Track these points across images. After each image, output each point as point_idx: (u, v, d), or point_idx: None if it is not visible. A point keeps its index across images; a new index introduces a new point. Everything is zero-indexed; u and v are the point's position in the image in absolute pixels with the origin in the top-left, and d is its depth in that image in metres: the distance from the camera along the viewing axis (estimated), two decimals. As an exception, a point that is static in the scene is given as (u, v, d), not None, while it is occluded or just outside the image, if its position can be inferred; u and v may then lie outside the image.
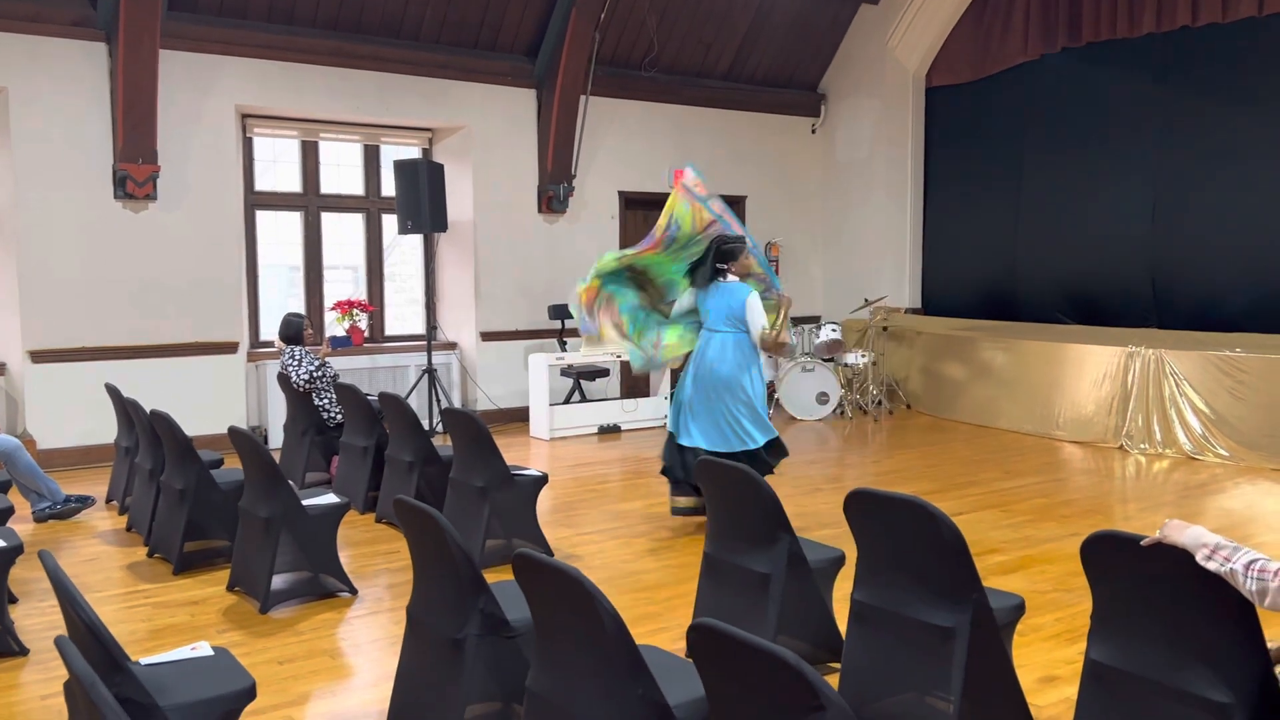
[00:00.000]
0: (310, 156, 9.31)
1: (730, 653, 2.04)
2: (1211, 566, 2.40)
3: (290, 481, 4.79)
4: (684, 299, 6.06)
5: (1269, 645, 2.50)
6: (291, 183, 9.30)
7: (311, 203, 9.33)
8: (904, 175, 11.18)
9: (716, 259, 5.86)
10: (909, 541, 3.13)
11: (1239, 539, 3.80)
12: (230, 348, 8.45)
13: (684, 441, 5.75)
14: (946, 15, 10.70)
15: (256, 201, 9.03)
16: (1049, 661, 3.86)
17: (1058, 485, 7.03)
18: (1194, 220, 8.92)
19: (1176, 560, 2.48)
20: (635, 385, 10.51)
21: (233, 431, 4.81)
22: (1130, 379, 8.15)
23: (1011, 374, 9.22)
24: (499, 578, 3.34)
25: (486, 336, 9.68)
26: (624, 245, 10.55)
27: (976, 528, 5.74)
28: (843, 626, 3.68)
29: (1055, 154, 9.99)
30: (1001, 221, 10.45)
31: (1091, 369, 8.46)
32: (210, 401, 8.26)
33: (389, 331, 9.81)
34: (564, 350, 9.50)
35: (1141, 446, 8.05)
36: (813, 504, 6.50)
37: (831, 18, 11.30)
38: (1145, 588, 2.62)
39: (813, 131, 11.88)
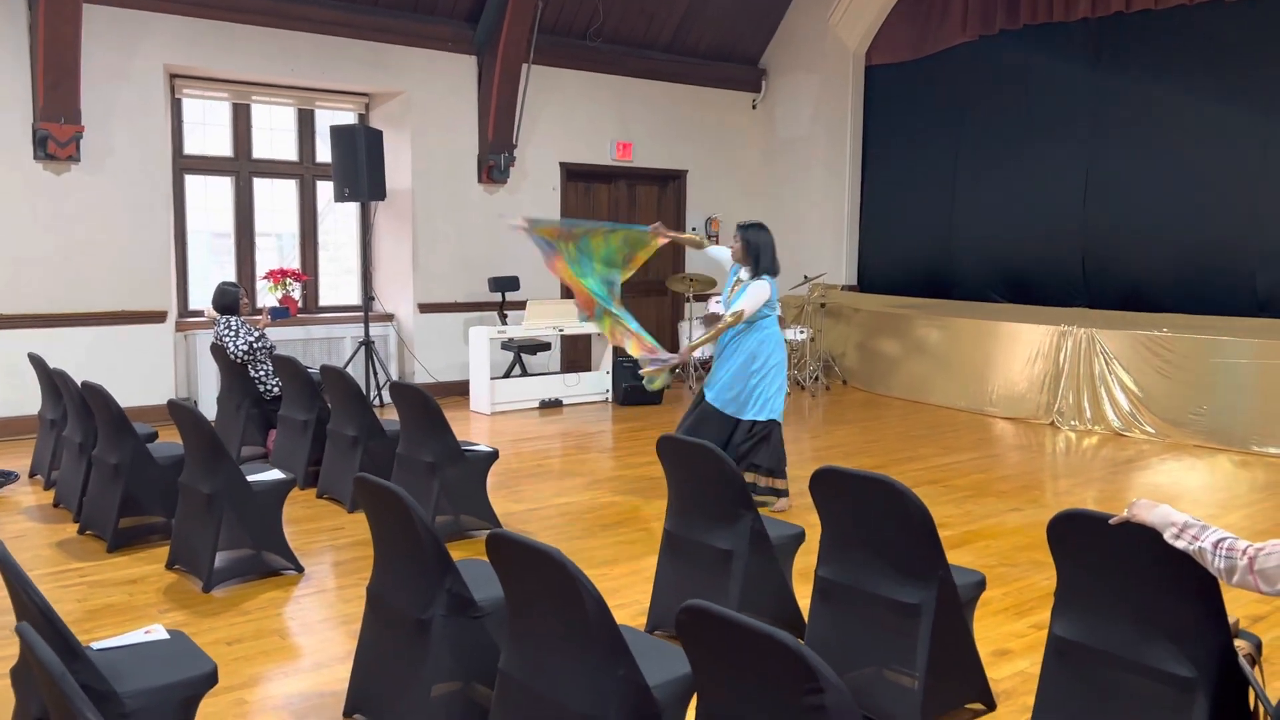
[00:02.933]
0: (242, 119, 9.00)
1: (722, 634, 2.03)
2: (1180, 545, 2.45)
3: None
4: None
5: (1229, 620, 2.57)
6: (222, 146, 8.98)
7: (243, 168, 9.03)
8: (843, 153, 11.25)
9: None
10: (876, 519, 3.16)
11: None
12: (158, 317, 8.15)
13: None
14: (888, -7, 10.77)
15: (185, 165, 8.71)
16: (1001, 635, 3.94)
17: (993, 461, 7.18)
18: (1124, 203, 9.15)
19: (1142, 538, 2.53)
20: (577, 360, 10.46)
21: (172, 405, 4.64)
22: (1062, 357, 8.36)
23: (946, 351, 9.38)
24: (451, 554, 3.28)
25: (425, 308, 9.51)
26: (564, 215, 10.46)
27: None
28: (801, 602, 3.71)
29: (991, 135, 10.15)
30: (938, 201, 10.60)
31: (1024, 347, 8.64)
32: (137, 372, 7.97)
33: (323, 302, 9.58)
34: (505, 323, 9.39)
35: (1072, 423, 8.27)
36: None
37: (774, -7, 11.29)
38: (1111, 565, 2.67)
39: (754, 107, 11.87)
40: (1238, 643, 2.63)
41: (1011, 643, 3.85)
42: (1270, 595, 2.31)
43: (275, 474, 4.72)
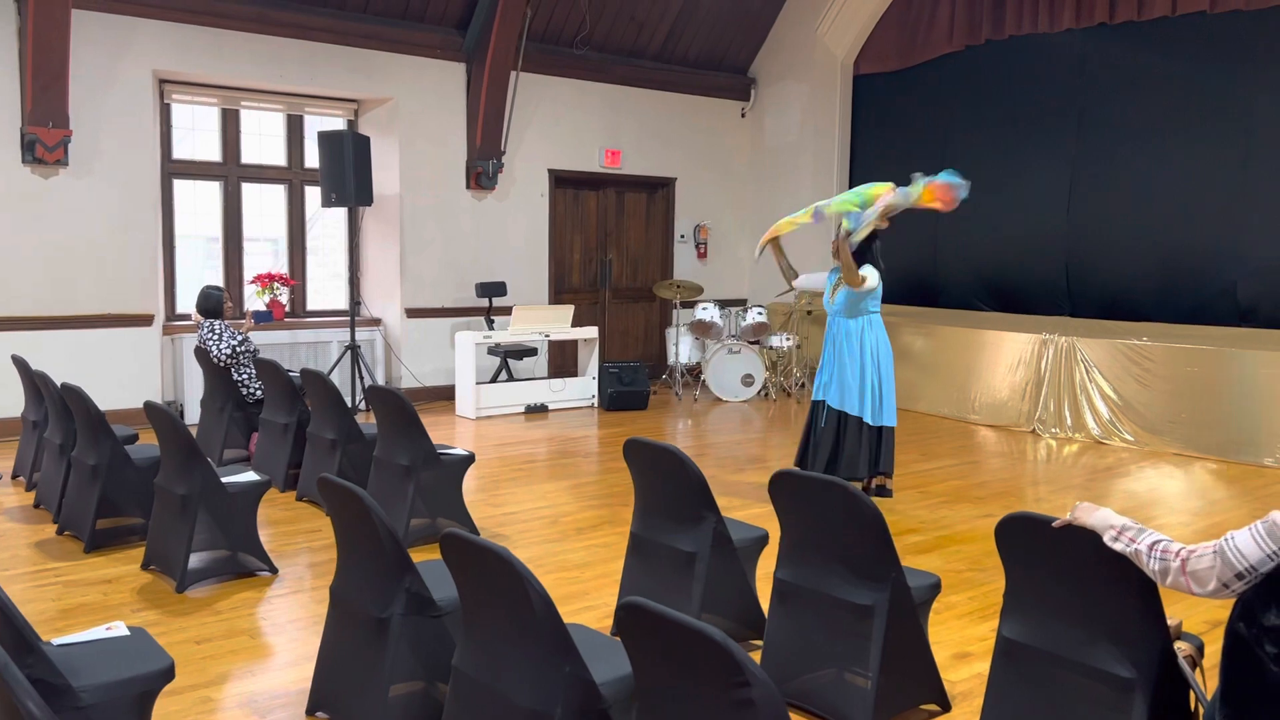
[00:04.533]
0: (231, 125, 9.06)
1: (658, 631, 2.07)
2: (1118, 547, 2.50)
3: (208, 458, 4.69)
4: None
5: (1169, 622, 2.62)
6: (211, 151, 9.04)
7: (231, 173, 9.08)
8: (831, 161, 11.32)
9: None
10: (831, 522, 3.20)
11: (1142, 520, 3.94)
12: (145, 320, 8.20)
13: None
14: (875, 4, 10.84)
15: (174, 170, 8.76)
16: (963, 639, 3.98)
17: (973, 468, 7.23)
18: (1107, 213, 9.21)
19: (1086, 541, 2.58)
20: (563, 365, 10.51)
21: (149, 406, 4.69)
22: (1044, 365, 8.41)
23: (930, 359, 9.44)
24: (424, 557, 3.33)
25: (412, 313, 9.56)
26: (553, 224, 10.54)
27: (895, 508, 5.88)
28: (765, 604, 3.75)
29: (976, 144, 10.21)
30: (923, 210, 10.63)
31: (1007, 355, 8.70)
32: (124, 375, 8.02)
33: (311, 306, 9.63)
34: (491, 328, 9.43)
35: (1053, 431, 8.32)
36: (737, 484, 6.58)
37: (762, 2, 11.36)
38: (1055, 567, 2.72)
39: (742, 115, 11.94)
40: (1179, 644, 2.68)
41: (973, 646, 3.90)
42: (1201, 596, 2.35)
43: (251, 476, 4.76)
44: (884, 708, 3.11)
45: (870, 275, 5.90)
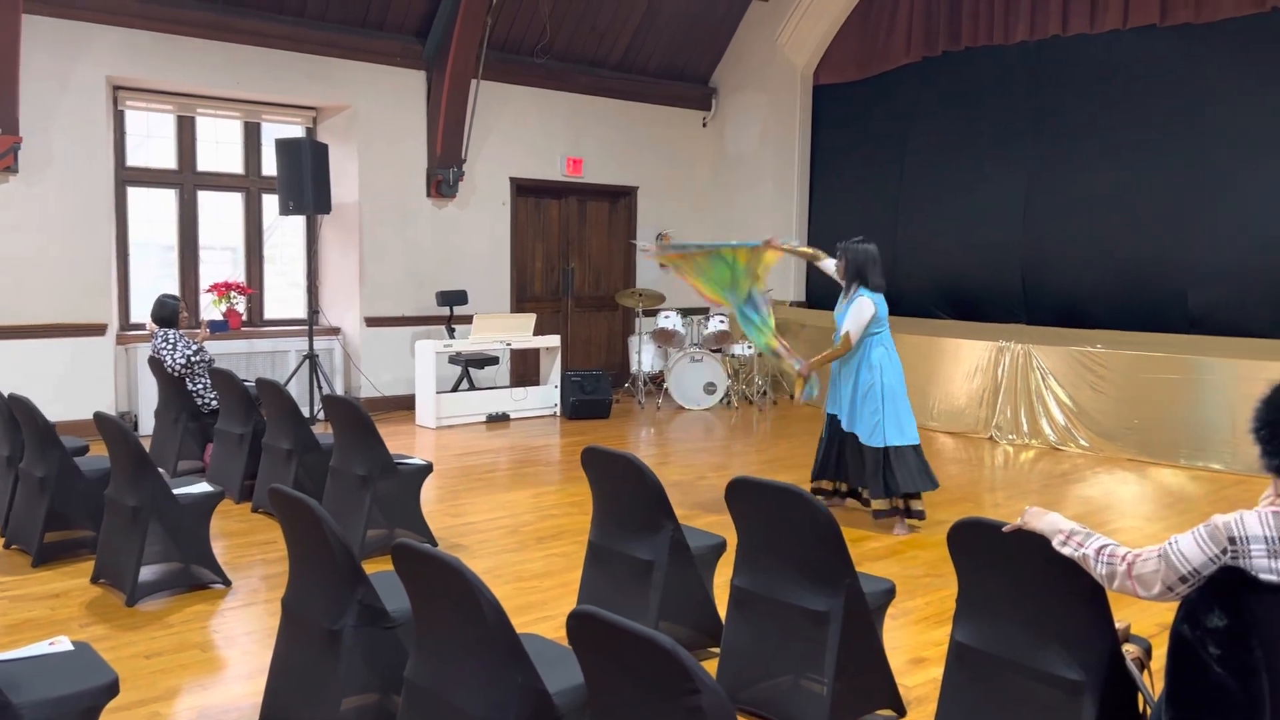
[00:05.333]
0: (187, 132, 8.95)
1: (608, 639, 2.06)
2: (1066, 551, 2.53)
3: (161, 469, 4.62)
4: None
5: (1116, 625, 2.65)
6: (166, 159, 8.93)
7: (187, 180, 8.97)
8: (791, 171, 11.40)
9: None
10: (786, 528, 3.21)
11: (1096, 525, 3.97)
12: (98, 330, 8.07)
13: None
14: (834, 15, 10.94)
15: (128, 177, 8.64)
16: (919, 643, 4.01)
17: (931, 474, 7.27)
18: (1062, 222, 9.35)
19: (1035, 546, 2.61)
20: (525, 374, 10.47)
21: (98, 417, 4.61)
22: (1000, 373, 8.51)
23: (890, 366, 9.49)
24: (381, 567, 3.29)
25: (371, 322, 9.48)
26: (515, 232, 10.51)
27: (854, 514, 5.91)
28: (723, 611, 3.75)
29: (934, 154, 10.33)
30: (883, 219, 10.75)
31: (965, 362, 8.79)
32: (76, 385, 7.89)
33: (269, 315, 9.52)
34: (452, 337, 9.38)
35: (1010, 437, 8.41)
36: (698, 491, 6.59)
37: (723, 13, 11.43)
38: (1006, 572, 2.75)
39: (704, 125, 11.99)
40: (1127, 647, 2.71)
41: (928, 651, 3.92)
42: (1147, 599, 2.39)
43: (204, 487, 4.70)
44: (840, 713, 3.12)
45: (855, 322, 5.79)
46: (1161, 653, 2.52)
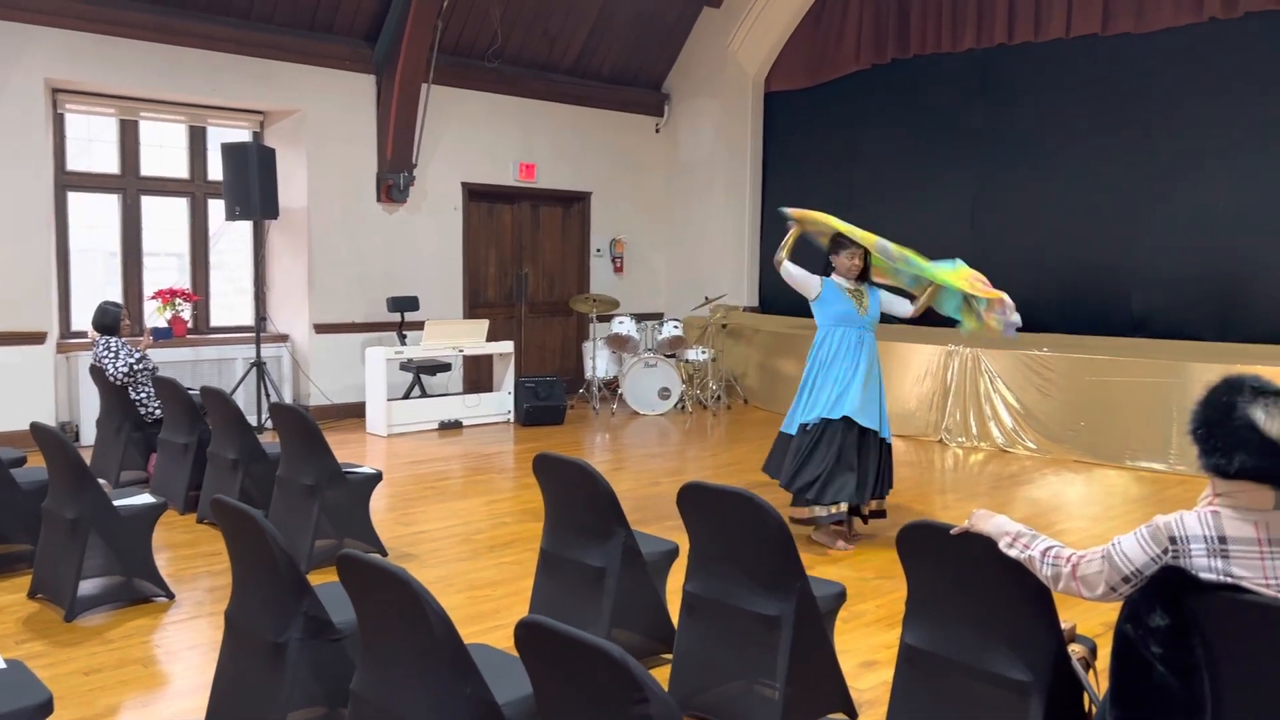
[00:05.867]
0: (129, 136, 8.77)
1: (557, 648, 2.04)
2: (1012, 554, 2.55)
3: (102, 480, 4.52)
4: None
5: (1063, 626, 2.68)
6: (109, 163, 8.74)
7: (130, 185, 8.79)
8: (743, 177, 11.45)
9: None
10: (737, 533, 3.21)
11: (1044, 526, 4.01)
12: (37, 338, 7.87)
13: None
14: (784, 22, 11.02)
15: (68, 182, 8.45)
16: (870, 646, 4.03)
17: (883, 477, 7.32)
18: (1009, 227, 9.49)
19: (983, 548, 2.63)
20: (478, 380, 10.40)
21: (35, 427, 4.49)
22: (950, 376, 8.60)
23: (843, 371, 9.57)
24: (330, 578, 3.23)
25: (321, 329, 9.35)
26: (467, 238, 10.44)
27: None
28: (675, 617, 3.74)
29: (884, 161, 10.44)
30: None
31: (915, 366, 8.88)
32: (15, 395, 7.68)
33: (215, 322, 9.36)
34: (403, 343, 9.29)
35: (959, 440, 8.51)
36: (653, 497, 6.57)
37: (675, 19, 11.46)
38: (954, 574, 2.76)
39: (657, 131, 12.01)
40: (1073, 647, 2.74)
41: (880, 654, 3.94)
42: (1092, 600, 2.42)
43: (146, 498, 4.59)
44: (792, 718, 3.12)
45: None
46: (1107, 652, 2.55)
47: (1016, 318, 5.71)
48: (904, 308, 5.81)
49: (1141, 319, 8.75)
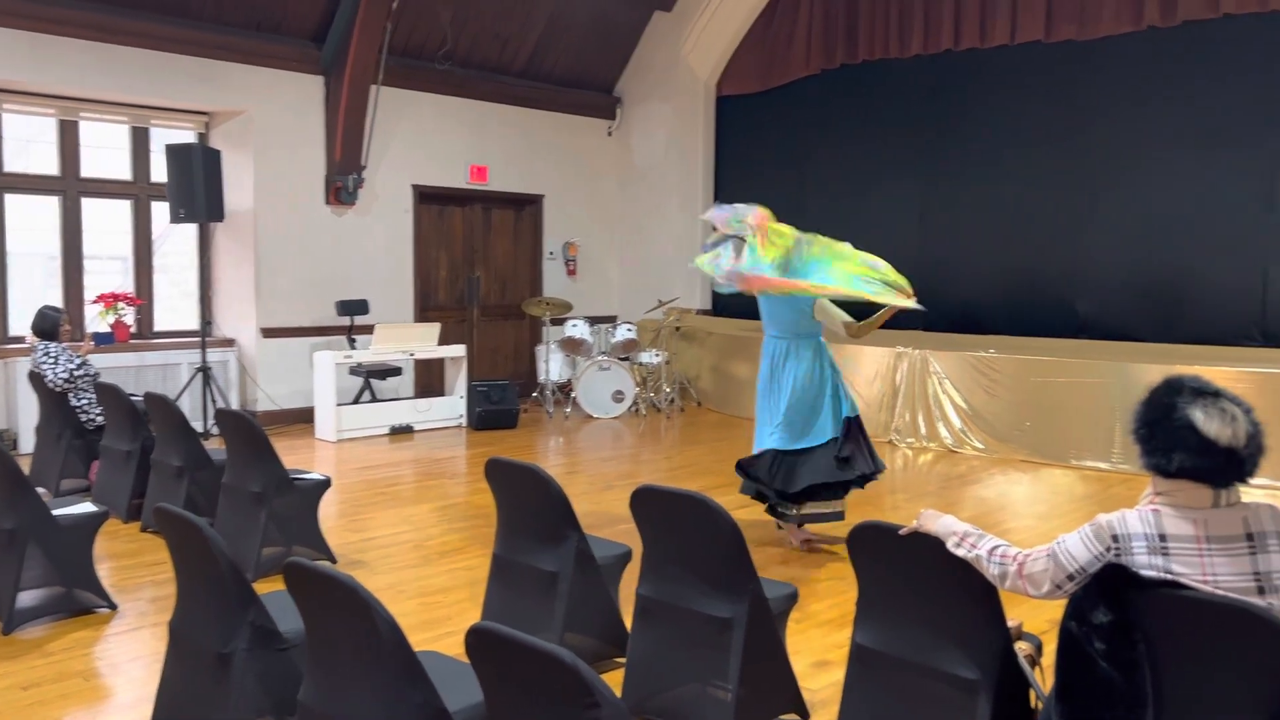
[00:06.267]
0: (69, 137, 8.58)
1: (508, 654, 2.03)
2: (960, 553, 2.58)
3: (42, 489, 4.41)
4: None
5: (1009, 624, 2.72)
6: (48, 165, 8.54)
7: (70, 187, 8.60)
8: (696, 180, 11.49)
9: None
10: (691, 536, 3.22)
11: (991, 525, 4.06)
12: (-28, 343, 7.67)
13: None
14: (736, 27, 11.08)
15: (6, 184, 8.24)
16: (822, 646, 4.05)
17: (835, 478, 7.38)
18: (956, 231, 9.63)
19: (931, 548, 2.66)
20: (430, 384, 10.31)
21: (-30, 436, 4.37)
22: (899, 377, 8.70)
23: (794, 373, 9.63)
24: (278, 587, 3.18)
25: (268, 333, 9.22)
26: (418, 241, 10.36)
27: (759, 520, 5.95)
28: (629, 621, 3.74)
29: (835, 165, 10.54)
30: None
31: (865, 368, 8.96)
32: (-52, 403, 7.48)
33: (159, 327, 9.18)
34: (353, 348, 9.18)
35: (908, 440, 8.61)
36: (606, 500, 6.56)
37: (626, 22, 11.47)
38: (904, 574, 2.79)
39: (609, 134, 12.01)
40: (1020, 644, 2.78)
41: (832, 654, 3.97)
42: (1038, 598, 2.45)
43: (87, 507, 4.49)
44: (744, 719, 3.13)
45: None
46: (1052, 649, 2.59)
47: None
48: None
49: (1085, 321, 8.92)
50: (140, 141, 9.00)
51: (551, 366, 10.36)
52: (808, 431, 5.44)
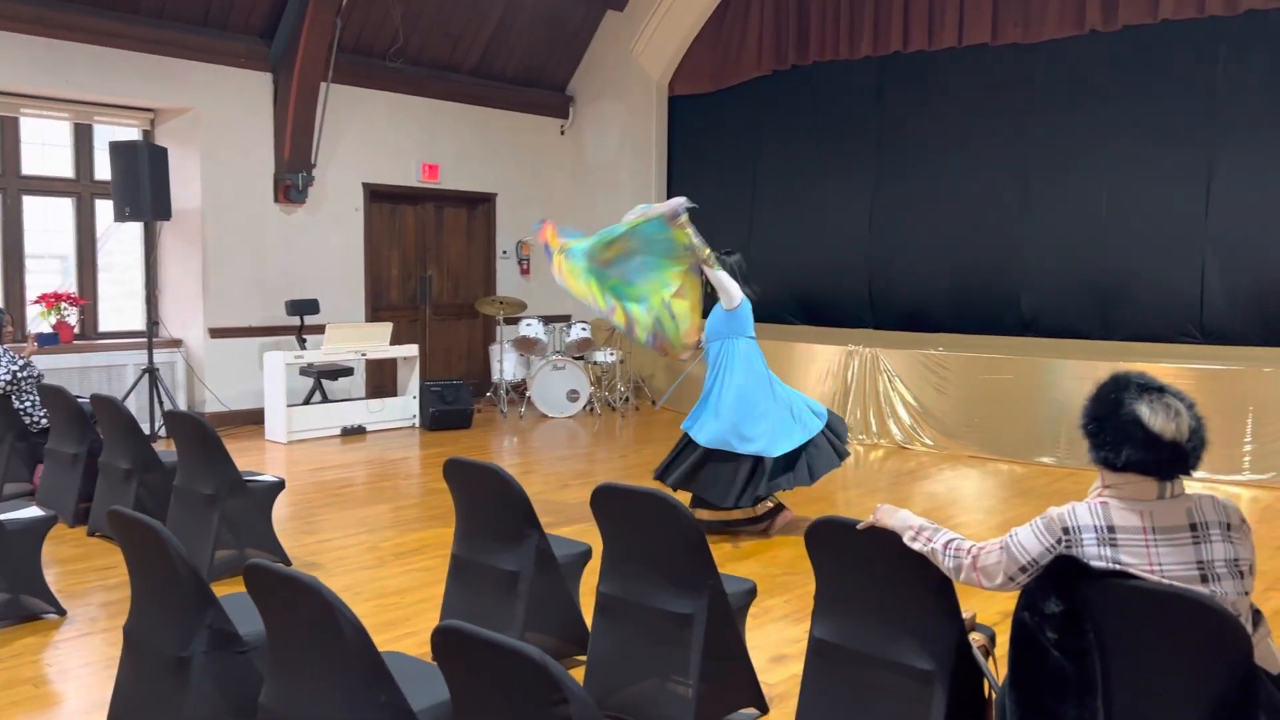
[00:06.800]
0: (10, 133, 8.38)
1: (475, 652, 2.04)
2: (916, 546, 2.64)
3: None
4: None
5: (964, 616, 2.78)
6: (-14, 161, 8.34)
7: (10, 184, 8.40)
8: (648, 180, 11.52)
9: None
10: (651, 533, 3.24)
11: (941, 520, 4.14)
12: (-92, 345, 7.45)
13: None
14: (687, 27, 11.13)
15: (-58, 181, 8.03)
16: (779, 641, 4.11)
17: (788, 475, 7.46)
18: (905, 231, 9.78)
19: (888, 542, 2.71)
20: (382, 385, 10.23)
21: (-89, 440, 4.26)
22: (850, 375, 8.81)
23: (747, 371, 9.71)
24: (231, 589, 3.16)
25: (216, 333, 9.08)
26: (369, 239, 10.27)
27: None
28: (589, 619, 3.75)
29: (786, 165, 10.64)
30: (737, 228, 10.99)
31: (817, 366, 9.07)
32: (-117, 406, 7.25)
33: (104, 327, 9.00)
34: (303, 348, 9.08)
35: (860, 437, 8.72)
36: (562, 499, 6.57)
37: (579, 21, 11.47)
38: (861, 568, 2.85)
39: (562, 132, 12.00)
40: (973, 635, 2.85)
41: (788, 648, 4.02)
42: (991, 589, 2.52)
43: (33, 511, 4.40)
44: (705, 714, 3.16)
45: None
46: (1004, 640, 2.66)
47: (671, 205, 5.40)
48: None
49: (1030, 319, 9.11)
50: (83, 138, 8.82)
51: (506, 366, 10.34)
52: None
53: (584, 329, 10.20)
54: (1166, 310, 8.41)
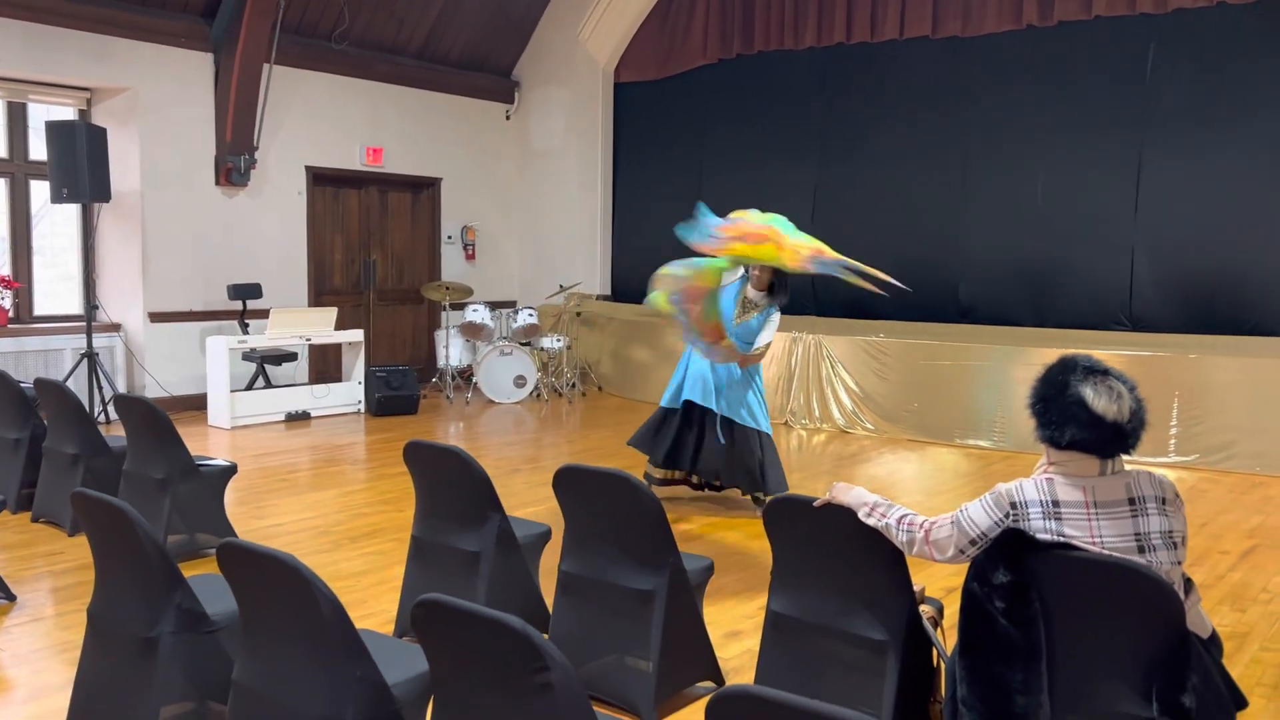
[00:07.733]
0: (-63, 110, 8.14)
1: (457, 625, 2.10)
2: (870, 522, 2.76)
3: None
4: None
5: (914, 588, 2.92)
6: (-87, 139, 8.09)
7: (-60, 163, 8.17)
8: (595, 166, 11.56)
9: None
10: (613, 513, 3.33)
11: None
12: None
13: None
14: (634, 14, 11.18)
15: None
16: (733, 617, 4.22)
17: (735, 459, 7.59)
18: (846, 219, 9.94)
19: (843, 518, 2.83)
20: (325, 370, 10.15)
21: None
22: (794, 361, 8.98)
23: (693, 357, 9.83)
24: (186, 573, 3.16)
25: (156, 317, 8.93)
26: (312, 223, 10.17)
27: (665, 499, 6.10)
28: (549, 599, 3.83)
29: (730, 154, 10.75)
30: (683, 215, 11.00)
31: (763, 352, 9.21)
32: None
33: (39, 311, 8.80)
34: (246, 333, 8.96)
35: (803, 422, 8.90)
36: (512, 483, 6.62)
37: (525, 5, 11.44)
38: (817, 543, 2.96)
39: (507, 117, 11.97)
40: (923, 608, 2.98)
41: (742, 624, 4.14)
42: (942, 563, 2.65)
43: (-20, 497, 4.33)
44: (665, 688, 3.26)
45: (773, 333, 6.15)
46: (952, 611, 2.79)
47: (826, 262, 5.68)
48: (759, 342, 5.95)
49: (968, 307, 9.36)
50: (16, 117, 8.59)
51: (451, 352, 10.32)
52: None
53: (531, 315, 10.23)
54: (1098, 299, 8.71)
